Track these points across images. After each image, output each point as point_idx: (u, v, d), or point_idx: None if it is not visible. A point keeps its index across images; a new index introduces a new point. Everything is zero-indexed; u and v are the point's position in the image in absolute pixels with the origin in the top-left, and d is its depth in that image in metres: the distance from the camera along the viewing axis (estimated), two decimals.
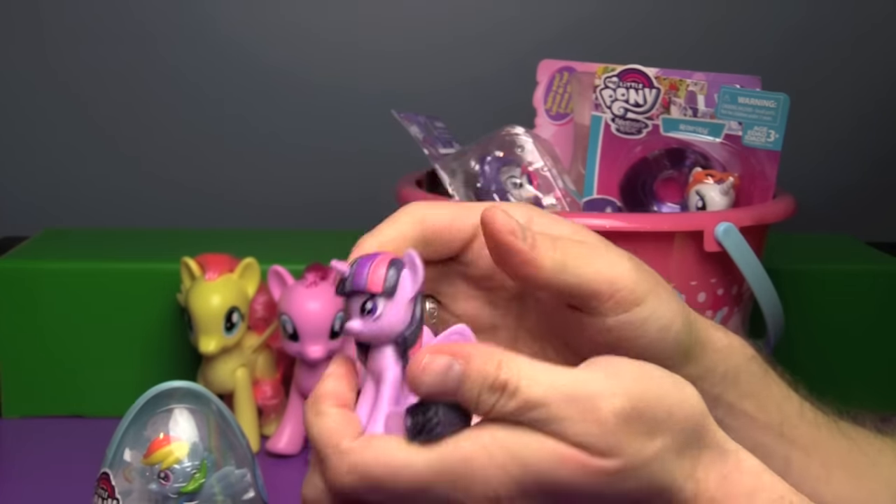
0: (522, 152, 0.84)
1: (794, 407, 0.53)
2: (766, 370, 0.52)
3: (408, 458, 0.39)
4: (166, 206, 1.24)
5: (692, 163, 0.82)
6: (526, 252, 0.43)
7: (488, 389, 0.39)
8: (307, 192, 1.24)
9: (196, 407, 0.61)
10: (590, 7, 1.23)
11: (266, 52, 1.22)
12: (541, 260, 0.43)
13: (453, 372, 0.39)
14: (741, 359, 0.51)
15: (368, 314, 0.41)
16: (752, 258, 0.75)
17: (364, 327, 0.41)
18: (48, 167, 1.23)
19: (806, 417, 0.53)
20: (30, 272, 0.95)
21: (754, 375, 0.51)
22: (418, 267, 0.42)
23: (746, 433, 0.51)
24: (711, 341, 0.49)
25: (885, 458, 0.54)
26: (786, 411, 0.52)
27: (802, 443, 0.52)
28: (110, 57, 1.22)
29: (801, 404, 0.53)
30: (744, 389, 0.51)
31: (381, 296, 0.41)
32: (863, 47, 1.24)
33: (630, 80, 0.82)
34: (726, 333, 0.51)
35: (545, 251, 0.43)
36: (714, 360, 0.49)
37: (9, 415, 0.96)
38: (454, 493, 0.39)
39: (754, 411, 0.51)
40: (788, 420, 0.52)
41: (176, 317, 0.95)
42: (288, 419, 0.89)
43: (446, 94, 1.22)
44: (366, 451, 0.40)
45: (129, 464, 0.60)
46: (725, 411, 0.51)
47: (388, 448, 0.40)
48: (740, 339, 0.51)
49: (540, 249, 0.43)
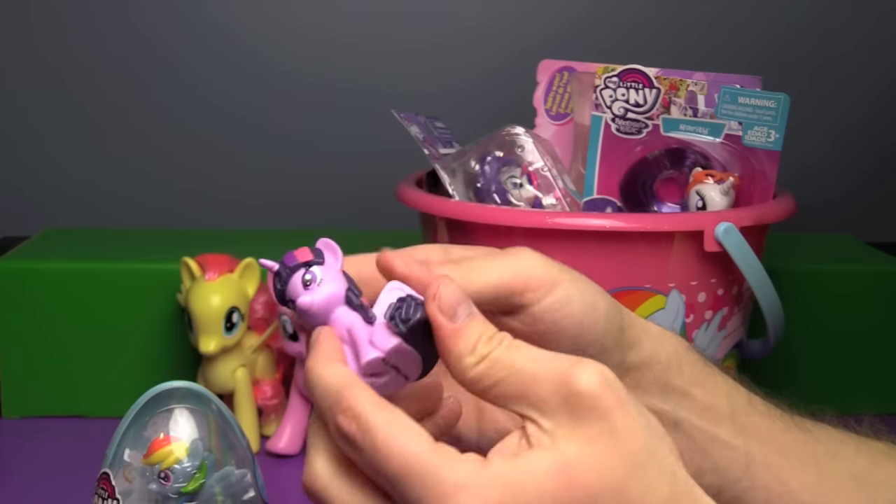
0: (522, 152, 0.84)
1: (743, 396, 0.53)
2: (705, 360, 0.53)
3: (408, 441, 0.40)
4: (166, 206, 1.24)
5: (692, 163, 0.82)
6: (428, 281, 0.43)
7: (487, 340, 0.42)
8: (307, 192, 1.24)
9: (196, 407, 0.61)
10: (590, 7, 1.23)
11: (266, 52, 1.22)
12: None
13: (466, 307, 0.42)
14: (679, 346, 0.51)
15: (311, 283, 0.43)
16: (752, 258, 0.75)
17: (314, 296, 0.43)
18: (48, 167, 1.23)
19: (757, 408, 0.53)
20: (30, 272, 0.95)
21: (696, 363, 0.52)
22: (333, 245, 0.45)
23: (703, 425, 0.51)
24: (645, 326, 0.50)
25: (846, 449, 0.53)
26: (735, 401, 0.52)
27: (757, 433, 0.52)
28: (110, 57, 1.22)
29: (750, 396, 0.53)
30: (689, 377, 0.51)
31: (314, 263, 0.43)
32: (863, 47, 1.24)
33: (630, 80, 0.82)
34: (658, 325, 0.51)
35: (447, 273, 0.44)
36: (654, 347, 0.50)
37: (9, 415, 0.96)
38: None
39: (705, 399, 0.51)
40: (740, 410, 0.52)
41: (176, 317, 0.95)
42: (288, 419, 0.89)
43: (446, 94, 1.22)
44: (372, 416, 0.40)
45: (130, 464, 0.60)
46: (678, 401, 0.51)
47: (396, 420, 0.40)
48: (673, 332, 0.52)
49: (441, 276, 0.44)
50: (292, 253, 0.44)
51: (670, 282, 0.76)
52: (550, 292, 0.46)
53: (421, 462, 0.39)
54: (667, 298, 0.76)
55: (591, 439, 0.39)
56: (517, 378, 0.41)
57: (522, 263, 0.46)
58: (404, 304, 0.42)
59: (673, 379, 0.51)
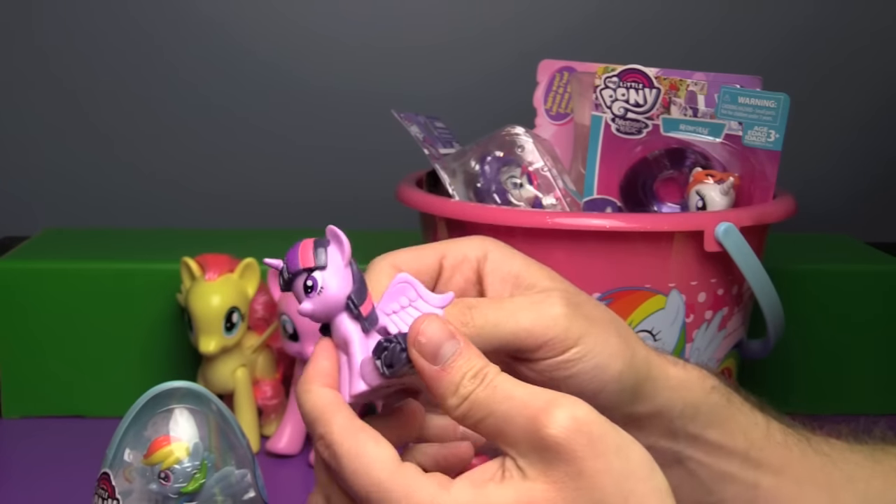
0: (522, 152, 0.84)
1: (761, 430, 0.52)
2: (730, 398, 0.52)
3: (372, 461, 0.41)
4: (166, 206, 1.24)
5: (692, 163, 0.82)
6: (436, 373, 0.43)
7: (470, 378, 0.41)
8: (307, 192, 1.24)
9: (196, 407, 0.61)
10: (590, 7, 1.23)
11: (266, 52, 1.22)
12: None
13: (451, 345, 0.42)
14: (700, 393, 0.50)
15: (312, 290, 0.43)
16: (752, 258, 0.75)
17: (313, 304, 0.43)
18: (48, 167, 1.23)
19: (774, 439, 0.52)
20: (30, 272, 0.95)
21: (716, 406, 0.51)
22: (341, 236, 0.44)
23: (711, 462, 0.51)
24: (666, 378, 0.49)
25: (862, 472, 0.53)
26: (752, 437, 0.52)
27: (772, 464, 0.52)
28: (110, 57, 1.22)
29: (769, 426, 0.53)
30: (705, 421, 0.50)
31: (316, 269, 0.43)
32: (863, 47, 1.24)
33: (630, 80, 0.82)
34: (685, 368, 0.51)
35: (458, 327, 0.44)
36: (670, 398, 0.49)
37: (9, 415, 0.96)
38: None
39: (719, 440, 0.51)
40: (755, 445, 0.52)
41: (176, 317, 0.95)
42: (288, 419, 0.89)
43: (446, 94, 1.22)
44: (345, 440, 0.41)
45: (130, 464, 0.60)
46: (687, 442, 0.50)
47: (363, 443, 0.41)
48: (700, 371, 0.51)
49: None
50: (296, 249, 0.44)
51: (670, 282, 0.76)
52: (564, 352, 0.46)
53: (381, 485, 0.40)
54: (667, 298, 0.76)
55: (557, 482, 0.39)
56: (493, 420, 0.41)
57: (545, 319, 0.45)
58: (391, 347, 0.42)
59: (685, 425, 0.50)
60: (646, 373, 0.48)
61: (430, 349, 0.42)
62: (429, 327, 0.42)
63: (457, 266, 0.48)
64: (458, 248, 0.49)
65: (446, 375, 0.42)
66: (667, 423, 0.50)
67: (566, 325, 0.46)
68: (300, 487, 0.85)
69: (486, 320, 0.45)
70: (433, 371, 0.42)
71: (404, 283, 0.44)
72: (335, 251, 0.44)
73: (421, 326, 0.42)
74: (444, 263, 0.48)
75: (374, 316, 0.44)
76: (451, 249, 0.48)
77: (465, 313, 0.45)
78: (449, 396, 0.42)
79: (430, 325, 0.42)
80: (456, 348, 0.42)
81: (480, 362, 0.42)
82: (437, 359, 0.42)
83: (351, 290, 0.44)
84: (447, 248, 0.48)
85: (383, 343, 0.42)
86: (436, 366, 0.42)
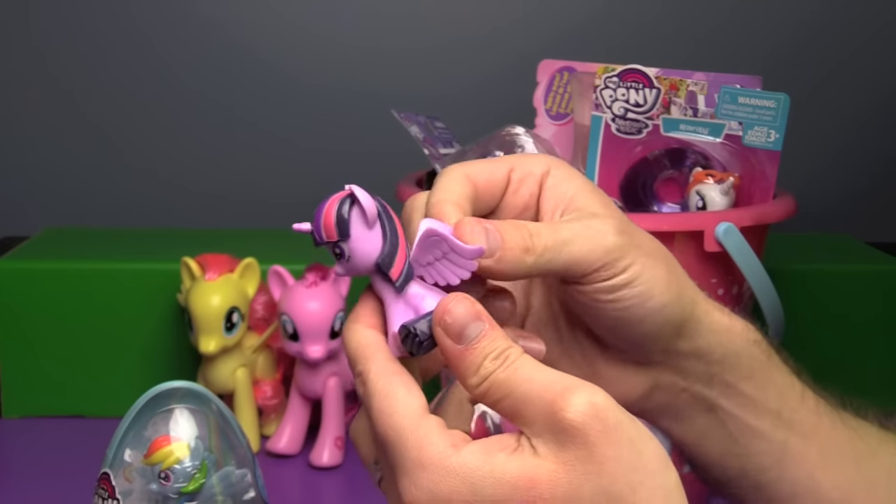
0: (522, 152, 0.84)
1: (796, 393, 0.53)
2: (770, 355, 0.52)
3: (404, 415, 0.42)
4: (166, 206, 1.24)
5: (692, 163, 0.82)
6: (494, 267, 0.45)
7: (492, 359, 0.42)
8: (307, 192, 1.23)
9: (196, 407, 0.61)
10: (590, 7, 1.23)
11: (266, 52, 1.22)
12: (512, 267, 0.45)
13: (476, 326, 0.42)
14: (742, 343, 0.51)
15: (340, 257, 0.44)
16: (752, 258, 0.75)
17: (345, 269, 0.44)
18: (48, 167, 1.24)
19: (807, 404, 0.53)
20: (30, 272, 0.95)
21: (755, 360, 0.52)
22: (361, 198, 0.44)
23: (743, 416, 0.51)
24: (711, 322, 0.50)
25: (887, 448, 0.54)
26: (786, 397, 0.52)
27: (801, 429, 0.52)
28: (110, 57, 1.22)
29: (804, 391, 0.53)
30: (743, 372, 0.51)
31: (339, 241, 0.44)
32: (863, 47, 1.24)
33: (630, 80, 0.82)
34: (730, 316, 0.51)
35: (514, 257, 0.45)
36: (711, 342, 0.50)
37: (9, 415, 0.96)
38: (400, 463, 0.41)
39: (754, 394, 0.51)
40: (788, 405, 0.52)
41: (176, 317, 0.95)
42: (288, 419, 0.89)
43: (446, 94, 1.22)
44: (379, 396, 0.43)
45: (130, 464, 0.60)
46: (721, 391, 0.51)
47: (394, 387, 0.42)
48: (744, 323, 0.52)
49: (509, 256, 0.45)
50: (321, 213, 0.45)
51: None
52: (611, 278, 0.46)
53: (400, 431, 0.41)
54: None
55: (567, 463, 0.40)
56: (511, 401, 0.42)
57: (600, 244, 0.46)
58: (417, 328, 0.43)
59: (723, 372, 0.51)
60: (690, 311, 0.49)
61: (455, 329, 0.42)
62: (456, 307, 0.42)
63: (523, 179, 0.49)
64: (525, 163, 0.49)
65: (469, 355, 0.42)
66: (704, 367, 0.50)
67: (617, 253, 0.46)
68: (300, 487, 0.85)
69: (545, 247, 0.46)
70: (456, 350, 0.42)
71: (435, 236, 0.44)
72: (357, 216, 0.44)
73: (448, 306, 0.43)
74: (512, 176, 0.49)
75: (410, 272, 0.44)
76: (518, 163, 0.49)
77: (527, 239, 0.45)
78: (470, 376, 0.42)
79: (457, 306, 0.43)
80: (481, 329, 0.42)
81: (503, 344, 0.43)
82: (462, 339, 0.42)
83: (378, 254, 0.44)
84: (516, 162, 0.49)
85: (409, 328, 0.43)
86: (460, 345, 0.42)
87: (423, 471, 0.40)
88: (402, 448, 0.41)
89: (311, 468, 0.87)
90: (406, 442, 0.41)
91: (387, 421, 0.42)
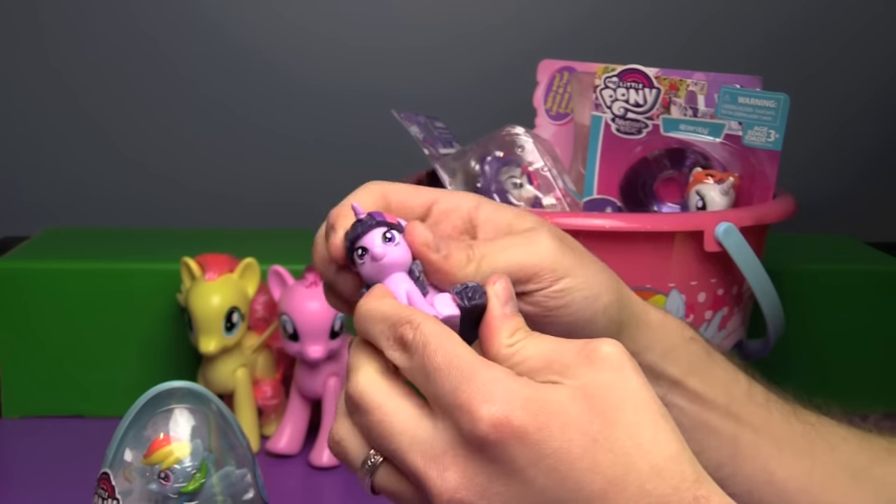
0: (522, 152, 0.84)
1: (742, 388, 0.54)
2: (710, 352, 0.54)
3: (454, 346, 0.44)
4: (166, 206, 1.24)
5: (692, 163, 0.82)
6: (440, 262, 0.47)
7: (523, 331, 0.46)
8: (307, 192, 1.24)
9: (196, 407, 0.61)
10: (590, 7, 1.23)
11: (266, 51, 1.22)
12: (454, 269, 0.47)
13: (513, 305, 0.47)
14: (678, 339, 0.53)
15: (389, 241, 0.47)
16: (752, 258, 0.75)
17: (389, 252, 0.47)
18: (48, 167, 1.24)
19: (755, 399, 0.55)
20: (30, 272, 0.95)
21: (694, 355, 0.54)
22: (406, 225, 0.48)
23: (692, 411, 0.53)
24: (648, 320, 0.52)
25: (848, 445, 0.55)
26: (732, 392, 0.54)
27: (751, 423, 0.54)
28: (110, 56, 1.22)
29: (751, 386, 0.55)
30: (685, 368, 0.53)
31: (397, 228, 0.47)
32: (863, 47, 1.24)
33: (630, 80, 0.82)
34: (664, 314, 0.54)
35: (457, 261, 0.48)
36: (651, 339, 0.52)
37: (9, 415, 0.96)
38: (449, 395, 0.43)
39: (700, 389, 0.53)
40: (735, 400, 0.54)
41: (176, 317, 0.95)
42: (288, 419, 0.89)
43: (446, 94, 1.22)
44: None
45: (130, 464, 0.60)
46: (669, 387, 0.53)
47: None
48: (678, 321, 0.54)
49: (453, 259, 0.48)
50: (381, 212, 0.48)
51: (670, 282, 0.76)
52: (554, 283, 0.48)
53: (462, 361, 0.43)
54: (667, 298, 0.76)
55: (607, 380, 0.42)
56: (542, 355, 0.44)
57: (536, 254, 0.48)
58: (470, 288, 0.46)
59: (668, 368, 0.53)
60: (629, 310, 0.51)
61: (506, 297, 0.46)
62: (505, 283, 0.46)
63: (447, 213, 0.51)
64: (452, 199, 0.51)
65: (510, 320, 0.45)
66: (650, 364, 0.52)
67: (555, 257, 0.49)
68: (300, 487, 0.85)
69: (483, 254, 0.48)
70: (503, 314, 0.46)
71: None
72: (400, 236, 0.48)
73: (499, 280, 0.46)
74: (434, 209, 0.51)
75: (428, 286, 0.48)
76: (444, 197, 0.51)
77: (466, 249, 0.48)
78: (507, 338, 0.45)
79: (506, 282, 0.46)
80: (517, 307, 0.46)
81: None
82: (507, 307, 0.46)
83: (414, 261, 0.47)
84: (440, 196, 0.51)
85: (462, 285, 0.47)
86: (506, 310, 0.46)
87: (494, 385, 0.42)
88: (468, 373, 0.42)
89: (310, 468, 0.87)
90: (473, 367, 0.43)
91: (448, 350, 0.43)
